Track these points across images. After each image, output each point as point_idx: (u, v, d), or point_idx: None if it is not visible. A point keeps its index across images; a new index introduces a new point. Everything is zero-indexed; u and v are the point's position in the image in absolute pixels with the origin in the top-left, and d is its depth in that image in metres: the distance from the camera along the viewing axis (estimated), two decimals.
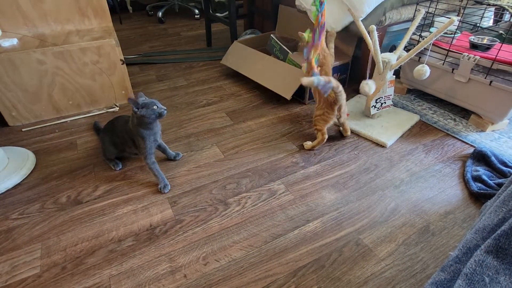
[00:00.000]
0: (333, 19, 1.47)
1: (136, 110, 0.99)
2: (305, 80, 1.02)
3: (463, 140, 1.31)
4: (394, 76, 1.37)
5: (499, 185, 1.04)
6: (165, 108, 1.02)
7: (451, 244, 0.90)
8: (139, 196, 1.08)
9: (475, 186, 1.07)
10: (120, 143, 1.13)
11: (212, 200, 1.06)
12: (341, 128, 1.35)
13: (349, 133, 1.35)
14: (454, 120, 1.44)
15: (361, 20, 1.37)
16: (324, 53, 1.25)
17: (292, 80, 1.52)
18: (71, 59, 1.43)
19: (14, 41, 1.43)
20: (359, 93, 1.66)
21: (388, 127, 1.38)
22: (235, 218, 1.00)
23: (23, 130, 1.43)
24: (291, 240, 0.92)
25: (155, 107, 0.99)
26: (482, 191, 1.04)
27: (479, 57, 1.28)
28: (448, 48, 1.38)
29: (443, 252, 0.88)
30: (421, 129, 1.39)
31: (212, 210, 1.02)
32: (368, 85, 1.30)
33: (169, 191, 1.10)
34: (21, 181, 1.15)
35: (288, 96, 1.50)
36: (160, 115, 1.01)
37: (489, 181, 1.07)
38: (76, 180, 1.15)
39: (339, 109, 1.23)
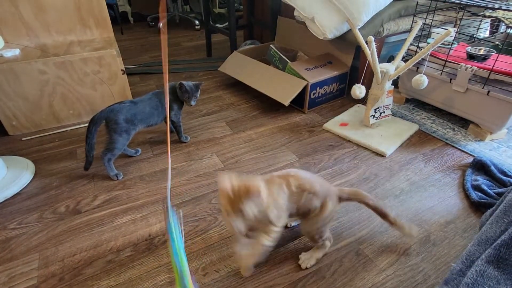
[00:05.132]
0: (326, 26, 1.48)
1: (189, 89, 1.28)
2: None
3: (462, 149, 1.32)
4: (393, 86, 1.38)
5: (499, 194, 1.04)
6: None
7: (452, 254, 0.90)
8: (138, 206, 1.08)
9: (476, 195, 1.07)
10: (147, 117, 1.22)
11: (211, 209, 1.06)
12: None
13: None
14: (453, 129, 1.45)
15: (359, 30, 1.38)
16: None
17: (291, 88, 1.53)
18: (72, 69, 1.44)
19: (16, 51, 1.44)
20: (358, 103, 1.68)
21: (387, 136, 1.38)
22: None
23: (23, 139, 1.43)
24: (291, 251, 0.92)
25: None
26: (482, 200, 1.03)
27: (476, 67, 1.29)
28: (445, 59, 1.40)
29: (444, 262, 0.88)
30: (420, 139, 1.40)
31: (211, 220, 1.02)
32: (360, 89, 1.34)
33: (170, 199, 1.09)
34: (20, 191, 1.15)
35: (285, 102, 1.51)
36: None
37: (489, 191, 1.06)
38: (75, 190, 1.15)
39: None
